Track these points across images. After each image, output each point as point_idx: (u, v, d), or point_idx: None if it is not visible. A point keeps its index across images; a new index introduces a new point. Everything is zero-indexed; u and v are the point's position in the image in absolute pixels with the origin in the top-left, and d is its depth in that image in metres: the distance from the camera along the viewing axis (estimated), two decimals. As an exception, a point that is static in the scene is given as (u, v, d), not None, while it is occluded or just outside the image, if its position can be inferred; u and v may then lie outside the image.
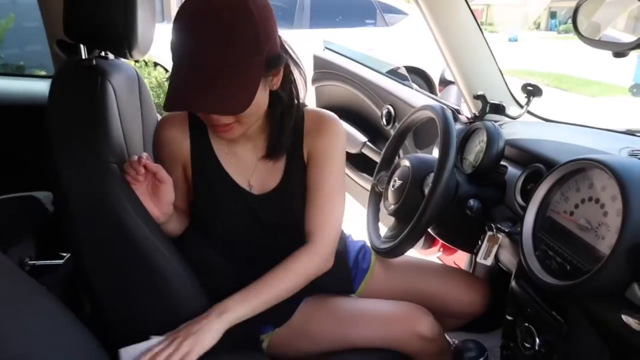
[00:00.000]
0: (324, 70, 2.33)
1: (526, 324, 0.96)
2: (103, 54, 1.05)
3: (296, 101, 1.01)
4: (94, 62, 0.98)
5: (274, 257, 1.06)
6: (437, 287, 1.22)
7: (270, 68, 0.87)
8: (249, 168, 1.03)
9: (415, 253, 1.58)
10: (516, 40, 18.22)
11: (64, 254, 1.37)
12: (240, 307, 0.92)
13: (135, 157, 0.90)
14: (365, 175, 2.11)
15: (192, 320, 0.90)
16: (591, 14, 0.83)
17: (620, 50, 0.77)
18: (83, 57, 0.99)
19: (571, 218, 0.91)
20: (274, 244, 1.07)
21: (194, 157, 1.02)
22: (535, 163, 1.07)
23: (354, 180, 2.17)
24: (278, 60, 0.89)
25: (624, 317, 0.74)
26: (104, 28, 0.90)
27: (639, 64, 8.02)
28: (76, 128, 0.87)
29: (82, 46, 0.99)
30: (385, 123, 1.91)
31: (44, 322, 0.67)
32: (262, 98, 0.90)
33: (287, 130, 1.00)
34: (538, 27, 28.34)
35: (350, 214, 1.68)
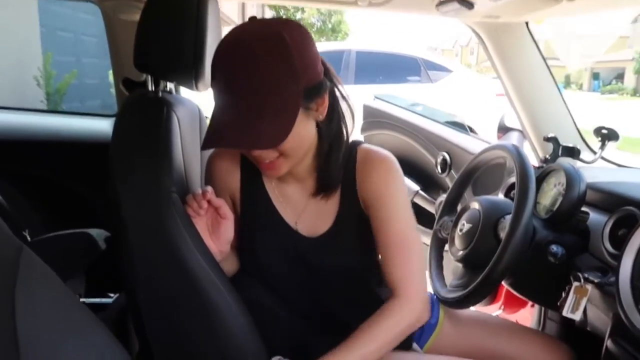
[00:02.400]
0: (374, 119, 2.31)
1: (629, 391, 0.83)
2: (168, 88, 1.06)
3: (345, 134, 0.96)
4: (160, 94, 0.98)
5: (322, 302, 1.00)
6: (513, 348, 1.09)
7: (311, 98, 0.84)
8: (298, 208, 0.99)
9: (474, 309, 1.46)
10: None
11: (112, 295, 1.33)
12: None
13: (200, 191, 0.87)
14: (418, 225, 2.02)
15: None
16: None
17: None
18: (150, 89, 0.99)
19: (679, 266, 0.80)
20: (321, 288, 1.00)
21: (243, 190, 0.99)
22: (625, 206, 0.97)
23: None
24: (320, 88, 0.85)
25: None
26: (173, 59, 0.90)
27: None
28: (141, 156, 0.85)
29: (149, 78, 0.99)
30: (440, 171, 1.84)
31: (96, 356, 0.61)
32: (305, 130, 0.86)
33: (335, 164, 0.94)
34: (580, 87, 28.12)
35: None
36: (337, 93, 0.93)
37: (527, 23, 1.25)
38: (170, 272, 0.81)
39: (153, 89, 1.00)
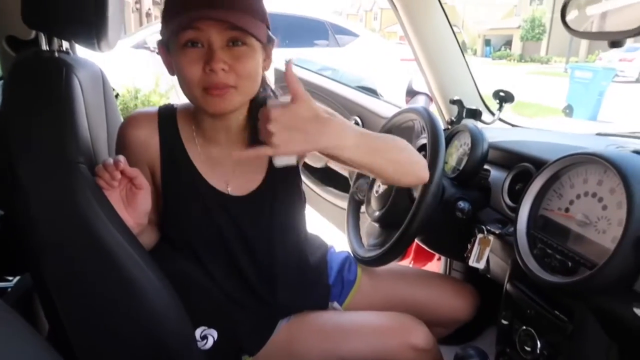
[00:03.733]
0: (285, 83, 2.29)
1: (524, 327, 0.93)
2: (64, 48, 0.96)
3: (273, 96, 0.98)
4: (56, 54, 0.88)
5: (254, 270, 1.00)
6: (426, 295, 1.18)
7: (267, 41, 0.88)
8: (227, 170, 0.96)
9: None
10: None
11: (10, 277, 1.22)
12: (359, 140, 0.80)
13: (111, 160, 0.81)
14: (331, 189, 2.07)
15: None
16: (581, 6, 0.84)
17: (617, 39, 0.76)
18: (43, 48, 0.89)
19: (567, 215, 0.89)
20: (254, 254, 1.00)
21: (164, 159, 0.94)
22: (521, 163, 1.06)
23: (320, 195, 2.12)
24: (272, 39, 0.91)
25: (636, 310, 0.73)
26: (71, 13, 0.81)
27: (571, 86, 8.57)
28: (40, 124, 0.76)
29: (42, 36, 0.89)
30: (352, 135, 1.88)
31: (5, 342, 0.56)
32: (259, 67, 0.87)
33: None
34: (475, 53, 29.97)
35: (322, 229, 1.63)
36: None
37: (435, -10, 1.30)
38: (83, 249, 0.75)
39: (47, 47, 0.90)
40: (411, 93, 1.89)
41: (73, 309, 0.79)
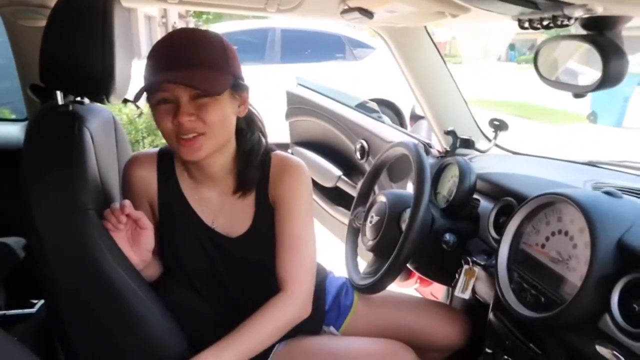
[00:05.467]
0: (297, 105, 2.37)
1: (505, 357, 0.97)
2: (79, 98, 1.05)
3: (264, 140, 1.05)
4: (71, 107, 0.98)
5: (245, 298, 1.06)
6: (419, 321, 1.22)
7: (237, 88, 0.95)
8: (215, 208, 1.04)
9: (394, 286, 1.59)
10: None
11: (35, 301, 1.33)
12: None
13: (117, 205, 0.90)
14: (341, 208, 2.13)
15: None
16: (550, 55, 0.89)
17: (579, 92, 0.82)
18: (59, 102, 0.99)
19: (543, 250, 0.94)
20: (245, 283, 1.07)
21: (161, 195, 1.03)
22: (506, 197, 1.11)
23: (330, 214, 2.18)
24: (244, 86, 0.97)
25: (598, 347, 0.77)
26: (81, 74, 0.90)
27: (594, 93, 8.39)
28: (53, 174, 0.86)
29: (58, 92, 0.99)
30: (359, 157, 1.94)
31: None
32: (229, 114, 0.95)
33: (253, 165, 1.02)
34: (499, 58, 29.62)
35: (328, 249, 1.69)
36: (255, 112, 1.05)
37: (425, 27, 1.36)
38: (92, 288, 0.84)
39: (62, 102, 1.00)
40: (414, 118, 1.95)
41: (84, 338, 0.88)
